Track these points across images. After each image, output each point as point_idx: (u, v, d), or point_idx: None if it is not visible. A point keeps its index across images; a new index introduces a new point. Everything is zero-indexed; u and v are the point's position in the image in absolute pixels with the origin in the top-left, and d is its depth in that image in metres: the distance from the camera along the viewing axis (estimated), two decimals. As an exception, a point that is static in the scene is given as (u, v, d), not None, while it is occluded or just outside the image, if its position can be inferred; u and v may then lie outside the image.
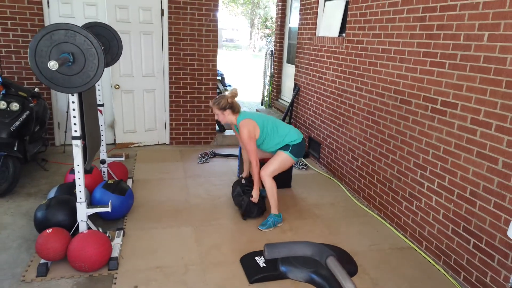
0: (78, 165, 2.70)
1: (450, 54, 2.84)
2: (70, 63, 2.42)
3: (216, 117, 3.51)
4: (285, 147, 3.47)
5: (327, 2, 5.04)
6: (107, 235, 2.94)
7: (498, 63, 2.46)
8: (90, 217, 2.92)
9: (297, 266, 1.40)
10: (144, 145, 5.64)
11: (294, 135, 3.50)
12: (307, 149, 5.52)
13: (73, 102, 2.61)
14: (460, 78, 2.75)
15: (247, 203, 3.52)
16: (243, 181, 3.76)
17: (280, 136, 3.48)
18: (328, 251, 1.13)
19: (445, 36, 2.89)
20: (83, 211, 2.78)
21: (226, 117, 3.44)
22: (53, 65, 2.15)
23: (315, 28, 5.27)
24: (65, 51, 2.42)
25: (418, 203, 3.24)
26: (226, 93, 3.48)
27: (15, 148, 3.80)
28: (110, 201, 3.01)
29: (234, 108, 3.43)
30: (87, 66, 2.48)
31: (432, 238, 3.08)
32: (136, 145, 5.59)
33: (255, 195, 3.48)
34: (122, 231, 3.17)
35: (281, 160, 3.46)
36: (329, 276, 1.32)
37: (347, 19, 4.33)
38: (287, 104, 6.46)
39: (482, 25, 2.57)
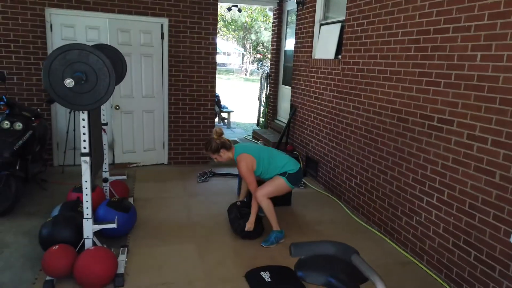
0: (86, 182, 2.74)
1: (445, 73, 2.99)
2: (83, 82, 2.50)
3: (216, 161, 3.62)
4: (282, 173, 3.56)
5: (322, 26, 5.25)
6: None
7: (491, 81, 2.60)
8: (95, 234, 2.93)
9: (314, 270, 1.45)
10: (142, 165, 5.67)
11: (291, 165, 3.58)
12: (305, 167, 5.60)
13: (83, 120, 2.67)
14: (455, 96, 2.89)
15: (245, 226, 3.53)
16: (238, 203, 3.79)
17: (278, 166, 3.57)
18: (352, 249, 1.19)
19: (439, 56, 3.05)
20: (89, 228, 2.79)
21: (223, 156, 3.56)
22: (69, 82, 2.23)
23: (311, 51, 5.46)
24: (78, 70, 2.49)
25: (418, 218, 3.31)
26: (212, 135, 3.58)
27: (17, 167, 3.81)
28: (116, 217, 3.02)
29: (225, 145, 3.55)
30: (98, 85, 2.56)
31: (433, 252, 3.14)
32: (135, 165, 5.61)
33: (249, 224, 3.49)
34: (126, 248, 3.17)
35: (278, 184, 3.53)
36: (347, 280, 1.38)
37: (343, 42, 4.52)
38: (283, 125, 6.58)
39: (474, 46, 2.73)
